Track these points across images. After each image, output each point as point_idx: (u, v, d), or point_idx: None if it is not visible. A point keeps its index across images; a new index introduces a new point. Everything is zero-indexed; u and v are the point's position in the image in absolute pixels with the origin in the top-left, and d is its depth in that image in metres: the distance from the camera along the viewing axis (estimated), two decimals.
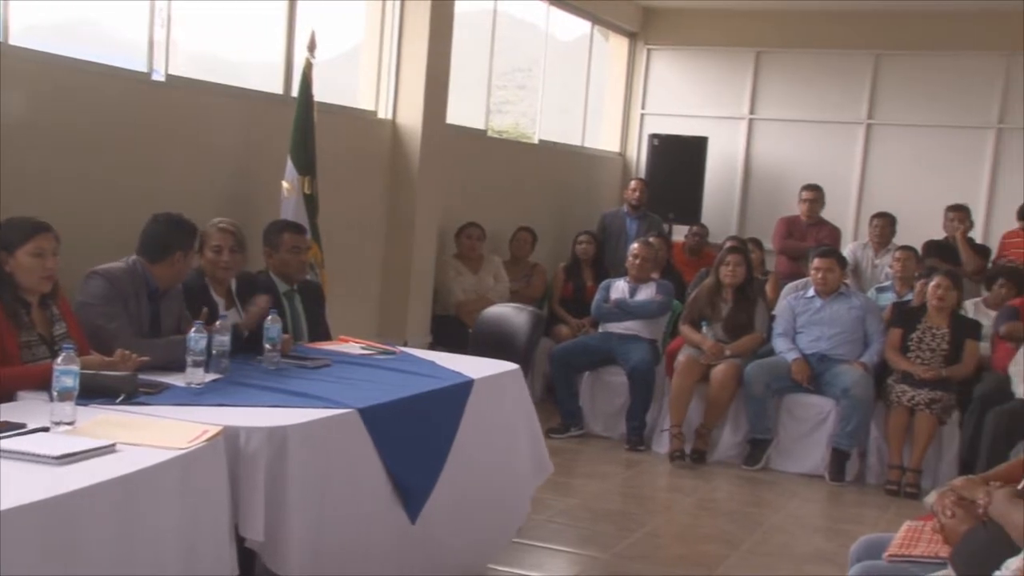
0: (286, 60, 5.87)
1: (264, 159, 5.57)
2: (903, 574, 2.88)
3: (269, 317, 3.94)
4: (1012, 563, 2.21)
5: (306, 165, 5.46)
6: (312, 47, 5.47)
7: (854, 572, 3.02)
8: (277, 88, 5.89)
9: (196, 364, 3.43)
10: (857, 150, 9.32)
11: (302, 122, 5.44)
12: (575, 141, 9.52)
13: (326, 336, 4.82)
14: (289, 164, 5.44)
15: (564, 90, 9.57)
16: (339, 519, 3.23)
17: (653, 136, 9.31)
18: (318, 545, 3.12)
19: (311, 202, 5.49)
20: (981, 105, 8.93)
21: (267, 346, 3.88)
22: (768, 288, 7.41)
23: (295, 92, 5.57)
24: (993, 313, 6.50)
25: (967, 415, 5.91)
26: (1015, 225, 7.48)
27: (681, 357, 6.39)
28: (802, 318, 6.41)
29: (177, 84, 5.13)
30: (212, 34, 5.80)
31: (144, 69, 5.00)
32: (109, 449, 2.62)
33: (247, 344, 4.04)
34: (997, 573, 2.31)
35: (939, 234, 7.79)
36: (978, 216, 8.27)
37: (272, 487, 2.94)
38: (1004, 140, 8.88)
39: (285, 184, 5.44)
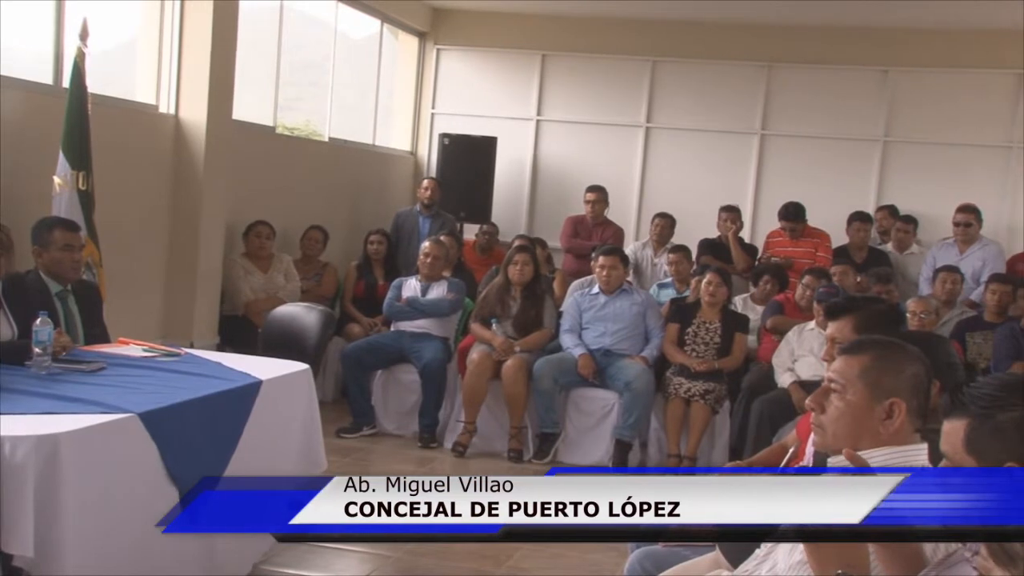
0: (56, 49, 5.55)
1: (33, 153, 5.24)
2: (677, 557, 3.06)
3: (39, 319, 3.73)
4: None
5: (80, 159, 5.17)
6: (84, 36, 5.19)
7: (633, 558, 3.17)
8: (47, 78, 5.56)
9: None
10: (637, 152, 9.72)
11: (75, 114, 5.16)
12: (367, 139, 9.46)
13: (103, 338, 4.61)
14: (61, 158, 5.15)
15: (355, 88, 9.50)
16: (120, 527, 3.11)
17: (444, 135, 9.38)
18: (97, 555, 2.99)
19: (86, 198, 5.21)
20: (746, 112, 9.49)
21: (36, 350, 3.68)
22: (556, 285, 7.62)
23: (67, 83, 5.28)
24: (760, 308, 6.94)
25: (736, 404, 6.28)
26: (778, 225, 8.00)
27: (474, 354, 6.49)
28: (588, 314, 6.63)
29: None
30: None
31: None
32: None
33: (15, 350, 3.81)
34: (757, 551, 2.49)
35: (714, 233, 8.23)
36: (746, 216, 8.81)
37: (43, 499, 2.80)
38: (767, 145, 9.50)
39: (57, 179, 5.14)
